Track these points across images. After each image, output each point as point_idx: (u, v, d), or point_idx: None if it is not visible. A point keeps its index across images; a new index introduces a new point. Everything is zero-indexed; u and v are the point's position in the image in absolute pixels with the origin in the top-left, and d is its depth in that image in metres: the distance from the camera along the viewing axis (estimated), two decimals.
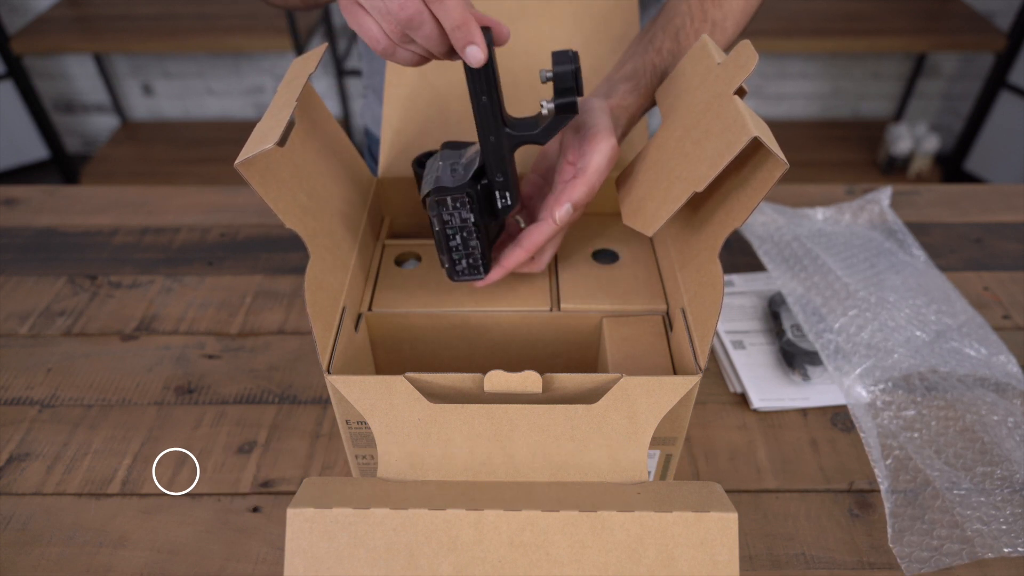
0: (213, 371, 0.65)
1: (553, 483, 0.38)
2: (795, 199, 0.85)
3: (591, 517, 0.33)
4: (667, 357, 0.47)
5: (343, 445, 0.56)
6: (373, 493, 0.35)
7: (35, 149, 2.17)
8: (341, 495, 0.34)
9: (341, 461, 0.57)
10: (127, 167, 2.10)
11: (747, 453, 0.58)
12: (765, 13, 0.78)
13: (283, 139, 0.40)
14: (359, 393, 0.39)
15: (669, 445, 0.46)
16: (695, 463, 0.57)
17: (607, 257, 0.56)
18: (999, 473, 0.55)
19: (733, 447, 0.58)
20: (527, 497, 0.35)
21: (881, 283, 0.71)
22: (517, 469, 0.38)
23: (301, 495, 0.34)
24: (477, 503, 0.34)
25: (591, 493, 0.36)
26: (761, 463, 0.57)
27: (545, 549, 0.33)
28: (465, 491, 0.36)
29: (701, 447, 0.59)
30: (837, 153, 2.14)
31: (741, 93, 0.41)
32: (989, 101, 1.94)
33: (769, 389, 0.62)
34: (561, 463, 0.38)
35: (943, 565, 0.49)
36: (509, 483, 0.38)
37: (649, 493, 0.36)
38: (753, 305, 0.71)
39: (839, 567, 0.50)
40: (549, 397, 0.40)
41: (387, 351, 0.53)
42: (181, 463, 0.57)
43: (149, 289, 0.74)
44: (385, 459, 0.38)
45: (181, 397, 0.63)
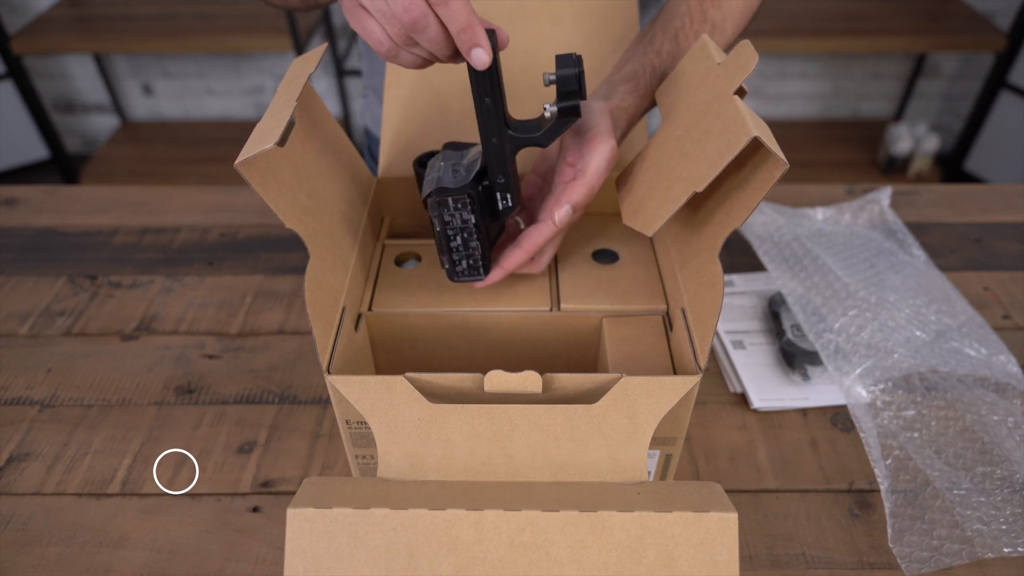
0: (213, 371, 0.65)
1: (553, 483, 0.38)
2: (795, 199, 0.85)
3: (591, 517, 0.33)
4: (667, 357, 0.47)
5: (343, 445, 0.56)
6: (373, 493, 0.35)
7: (35, 149, 2.17)
8: (341, 495, 0.34)
9: (341, 461, 0.57)
10: (127, 167, 2.10)
11: (747, 453, 0.58)
12: (765, 13, 0.77)
13: (283, 139, 0.40)
14: (359, 393, 0.39)
15: (669, 445, 0.46)
16: (695, 463, 0.57)
17: (607, 257, 0.56)
18: (999, 473, 0.55)
19: (733, 447, 0.58)
20: (527, 497, 0.35)
21: (881, 283, 0.71)
22: (517, 469, 0.38)
23: (301, 495, 0.34)
24: (477, 503, 0.34)
25: (591, 493, 0.36)
26: (761, 463, 0.57)
27: (545, 549, 0.33)
28: (465, 491, 0.36)
29: (701, 447, 0.59)
30: (837, 153, 2.14)
31: (741, 93, 0.41)
32: (989, 101, 1.94)
33: (769, 389, 0.62)
34: (561, 463, 0.38)
35: (943, 565, 0.49)
36: (509, 483, 0.38)
37: (649, 493, 0.36)
38: (753, 305, 0.71)
39: (839, 567, 0.50)
40: (549, 397, 0.40)
41: (387, 351, 0.53)
42: (181, 463, 0.57)
43: (149, 289, 0.74)
44: (385, 459, 0.38)
45: (181, 397, 0.63)
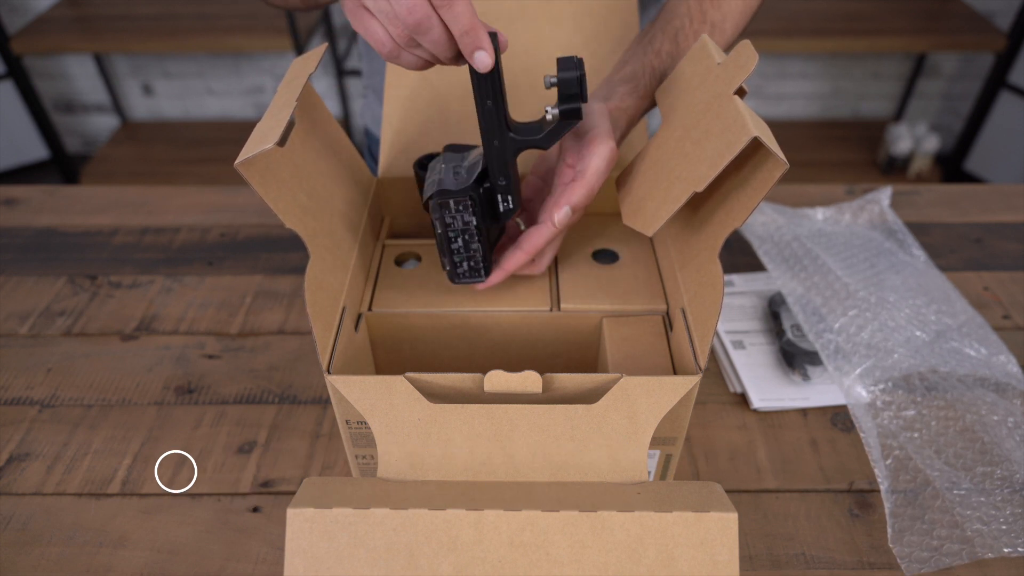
0: (213, 371, 0.65)
1: (553, 483, 0.38)
2: (795, 199, 0.85)
3: (591, 517, 0.33)
4: (667, 357, 0.47)
5: (343, 445, 0.56)
6: (373, 493, 0.35)
7: (35, 149, 2.17)
8: (341, 495, 0.34)
9: (341, 461, 0.57)
10: (127, 167, 2.10)
11: (747, 453, 0.58)
12: (765, 13, 0.78)
13: (283, 139, 0.40)
14: (359, 393, 0.39)
15: (669, 445, 0.46)
16: (695, 463, 0.57)
17: (607, 257, 0.56)
18: (999, 473, 0.55)
19: (733, 447, 0.58)
20: (527, 497, 0.35)
21: (881, 283, 0.71)
22: (517, 469, 0.38)
23: (301, 495, 0.34)
24: (477, 503, 0.34)
25: (591, 493, 0.36)
26: (761, 463, 0.57)
27: (545, 549, 0.33)
28: (465, 491, 0.36)
29: (701, 447, 0.59)
30: (837, 153, 2.14)
31: (741, 93, 0.41)
32: (989, 101, 1.94)
33: (769, 389, 0.62)
34: (561, 463, 0.38)
35: (943, 565, 0.49)
36: (509, 483, 0.38)
37: (649, 493, 0.36)
38: (753, 305, 0.71)
39: (839, 567, 0.50)
40: (549, 397, 0.40)
41: (387, 351, 0.53)
42: (181, 463, 0.57)
43: (149, 289, 0.74)
44: (385, 459, 0.38)
45: (181, 397, 0.63)
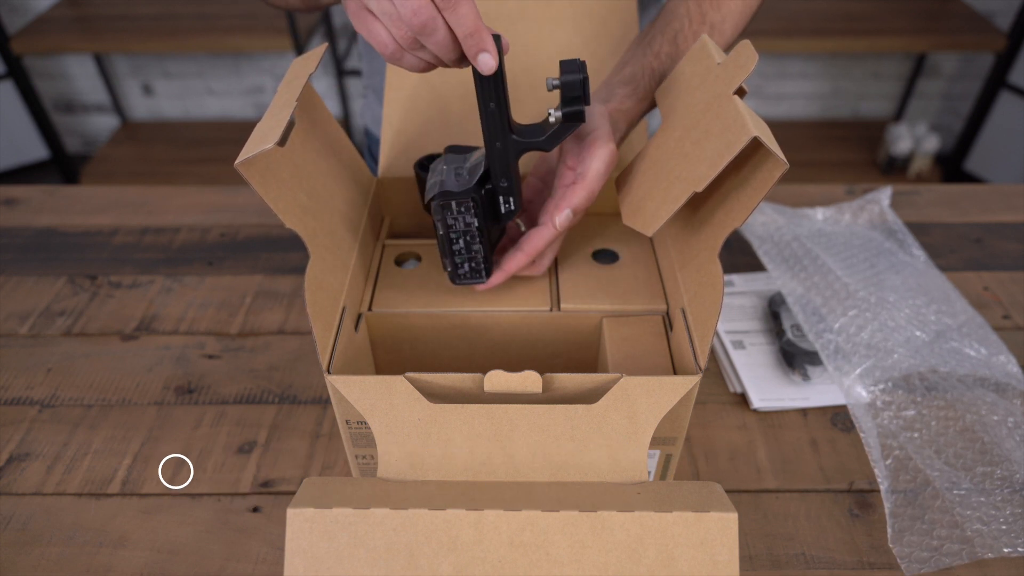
0: (213, 371, 0.65)
1: (553, 483, 0.38)
2: (795, 199, 0.85)
3: (591, 517, 0.33)
4: (667, 357, 0.47)
5: (343, 445, 0.56)
6: (373, 493, 0.35)
7: (35, 149, 2.17)
8: (341, 495, 0.34)
9: (341, 461, 0.57)
10: (127, 167, 2.10)
11: (747, 453, 0.58)
12: (765, 13, 0.77)
13: (283, 139, 0.40)
14: (359, 393, 0.39)
15: (669, 445, 0.46)
16: (695, 463, 0.57)
17: (607, 257, 0.56)
18: (999, 473, 0.55)
19: (733, 447, 0.58)
20: (527, 497, 0.35)
21: (881, 283, 0.71)
22: (517, 469, 0.38)
23: (301, 495, 0.34)
24: (477, 503, 0.34)
25: (591, 493, 0.36)
26: (761, 463, 0.57)
27: (545, 549, 0.33)
28: (465, 491, 0.36)
29: (701, 447, 0.59)
30: (837, 153, 2.14)
31: (741, 93, 0.41)
32: (989, 101, 1.94)
33: (769, 389, 0.62)
34: (561, 463, 0.38)
35: (943, 565, 0.49)
36: (509, 483, 0.38)
37: (649, 493, 0.36)
38: (753, 305, 0.71)
39: (839, 567, 0.50)
40: (549, 397, 0.40)
41: (387, 351, 0.53)
42: (180, 464, 0.57)
43: (149, 289, 0.74)
44: (385, 459, 0.38)
45: (181, 397, 0.63)
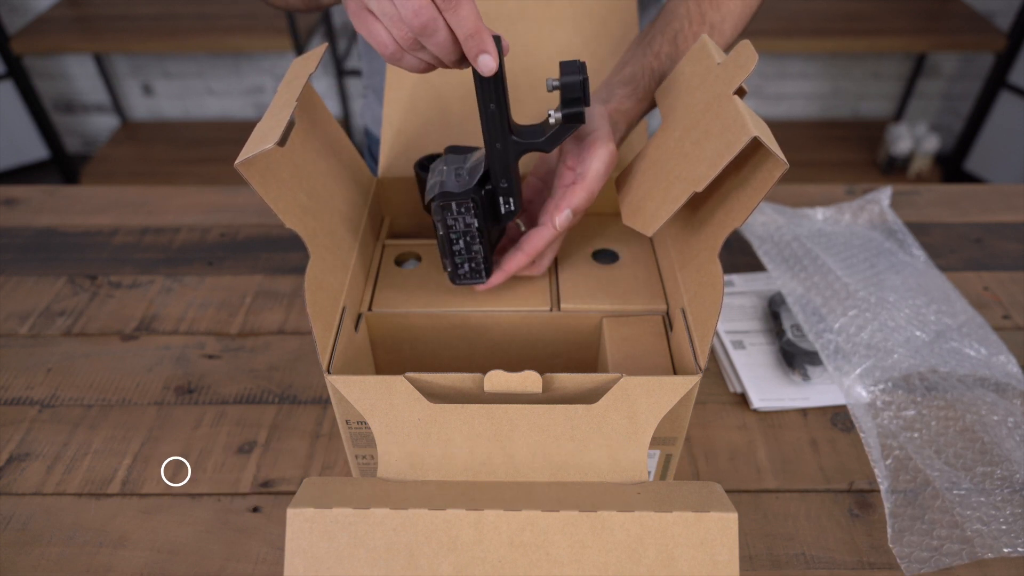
0: (213, 371, 0.65)
1: (553, 483, 0.38)
2: (795, 199, 0.85)
3: (591, 517, 0.33)
4: (667, 357, 0.47)
5: (343, 445, 0.56)
6: (373, 493, 0.35)
7: (35, 149, 2.17)
8: (341, 495, 0.34)
9: (341, 461, 0.57)
10: (127, 167, 2.10)
11: (747, 453, 0.58)
12: (765, 13, 0.77)
13: (283, 139, 0.40)
14: (359, 393, 0.39)
15: (669, 445, 0.46)
16: (695, 463, 0.57)
17: (607, 257, 0.56)
18: (999, 473, 0.55)
19: (733, 447, 0.58)
20: (527, 497, 0.35)
21: (881, 283, 0.71)
22: (517, 469, 0.38)
23: (301, 495, 0.34)
24: (477, 503, 0.34)
25: (591, 493, 0.36)
26: (761, 463, 0.57)
27: (545, 549, 0.33)
28: (465, 491, 0.36)
29: (701, 447, 0.59)
30: (837, 153, 2.14)
31: (741, 93, 0.41)
32: (989, 101, 1.94)
33: (769, 389, 0.62)
34: (561, 463, 0.38)
35: (943, 565, 0.49)
36: (509, 483, 0.38)
37: (649, 493, 0.36)
38: (753, 305, 0.71)
39: (839, 567, 0.50)
40: (549, 397, 0.40)
41: (387, 351, 0.53)
42: (180, 465, 0.57)
43: (149, 289, 0.74)
44: (385, 459, 0.38)
45: (181, 397, 0.63)
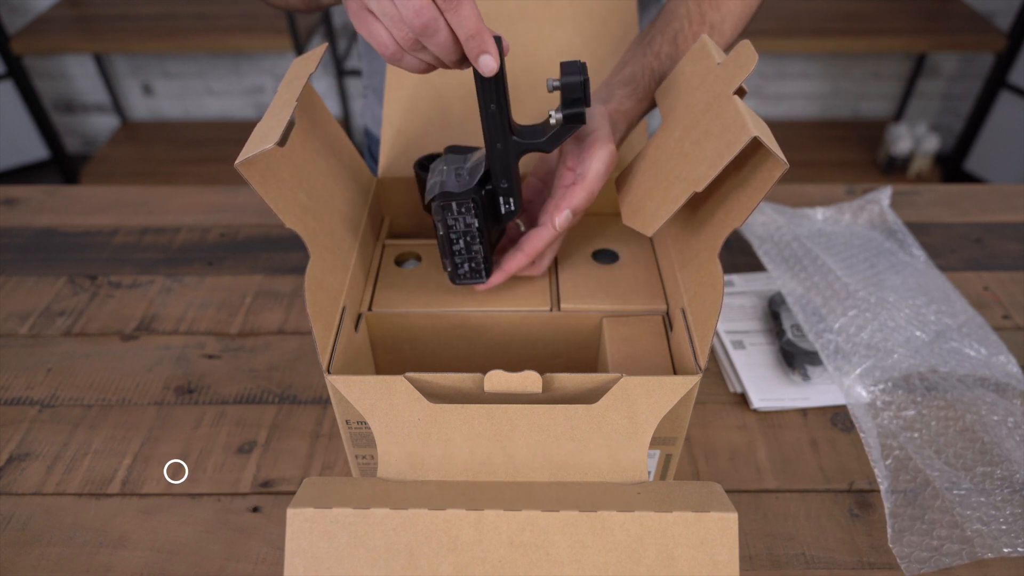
0: (213, 371, 0.65)
1: (553, 483, 0.38)
2: (795, 199, 0.85)
3: (591, 517, 0.33)
4: (667, 357, 0.47)
5: (343, 445, 0.56)
6: (373, 493, 0.35)
7: (35, 149, 2.17)
8: (341, 495, 0.34)
9: (341, 461, 0.57)
10: (127, 167, 2.10)
11: (747, 453, 0.58)
12: (765, 13, 0.77)
13: (283, 139, 0.40)
14: (359, 393, 0.39)
15: (669, 445, 0.46)
16: (695, 463, 0.57)
17: (607, 257, 0.56)
18: (999, 473, 0.55)
19: (733, 447, 0.58)
20: (527, 497, 0.35)
21: (881, 283, 0.71)
22: (517, 469, 0.38)
23: (301, 495, 0.34)
24: (477, 503, 0.34)
25: (591, 493, 0.36)
26: (761, 463, 0.57)
27: (545, 549, 0.33)
28: (465, 491, 0.36)
29: (701, 447, 0.59)
30: (837, 153, 2.14)
31: (741, 93, 0.41)
32: (989, 101, 1.94)
33: (769, 389, 0.62)
34: (561, 463, 0.38)
35: (943, 565, 0.49)
36: (509, 483, 0.38)
37: (649, 493, 0.36)
38: (753, 305, 0.71)
39: (839, 567, 0.50)
40: (549, 397, 0.40)
41: (387, 351, 0.53)
42: (179, 466, 0.57)
43: (149, 289, 0.74)
44: (385, 459, 0.38)
45: (181, 397, 0.63)
